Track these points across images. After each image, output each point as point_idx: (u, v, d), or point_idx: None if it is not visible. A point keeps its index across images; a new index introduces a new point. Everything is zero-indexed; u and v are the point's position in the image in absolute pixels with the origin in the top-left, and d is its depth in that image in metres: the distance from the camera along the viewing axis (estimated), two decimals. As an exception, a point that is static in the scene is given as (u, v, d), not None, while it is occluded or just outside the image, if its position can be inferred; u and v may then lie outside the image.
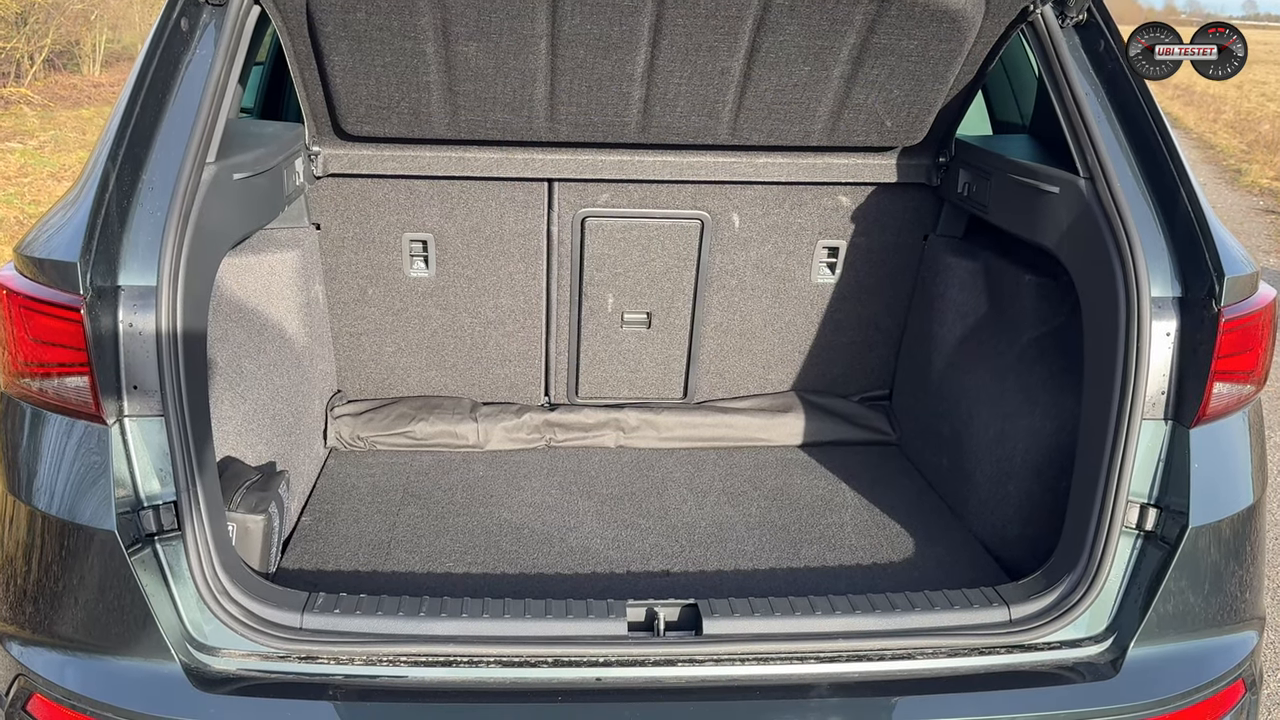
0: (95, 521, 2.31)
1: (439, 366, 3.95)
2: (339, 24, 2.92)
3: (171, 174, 2.46)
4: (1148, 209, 2.66)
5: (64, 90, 16.88)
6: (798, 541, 3.29)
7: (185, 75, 2.64)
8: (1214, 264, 2.50)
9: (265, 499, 2.79)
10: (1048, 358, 3.25)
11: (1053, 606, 2.56)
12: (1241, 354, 2.59)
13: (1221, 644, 2.61)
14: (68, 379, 2.35)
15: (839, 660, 2.44)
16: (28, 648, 2.44)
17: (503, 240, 3.72)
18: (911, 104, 3.31)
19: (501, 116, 3.28)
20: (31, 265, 2.38)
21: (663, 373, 4.01)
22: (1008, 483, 3.20)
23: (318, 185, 3.57)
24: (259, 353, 3.23)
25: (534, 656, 2.39)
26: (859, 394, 4.17)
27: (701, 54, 3.06)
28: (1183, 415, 2.56)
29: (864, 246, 3.84)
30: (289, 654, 2.36)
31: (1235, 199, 13.87)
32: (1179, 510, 2.52)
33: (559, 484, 3.64)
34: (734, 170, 3.60)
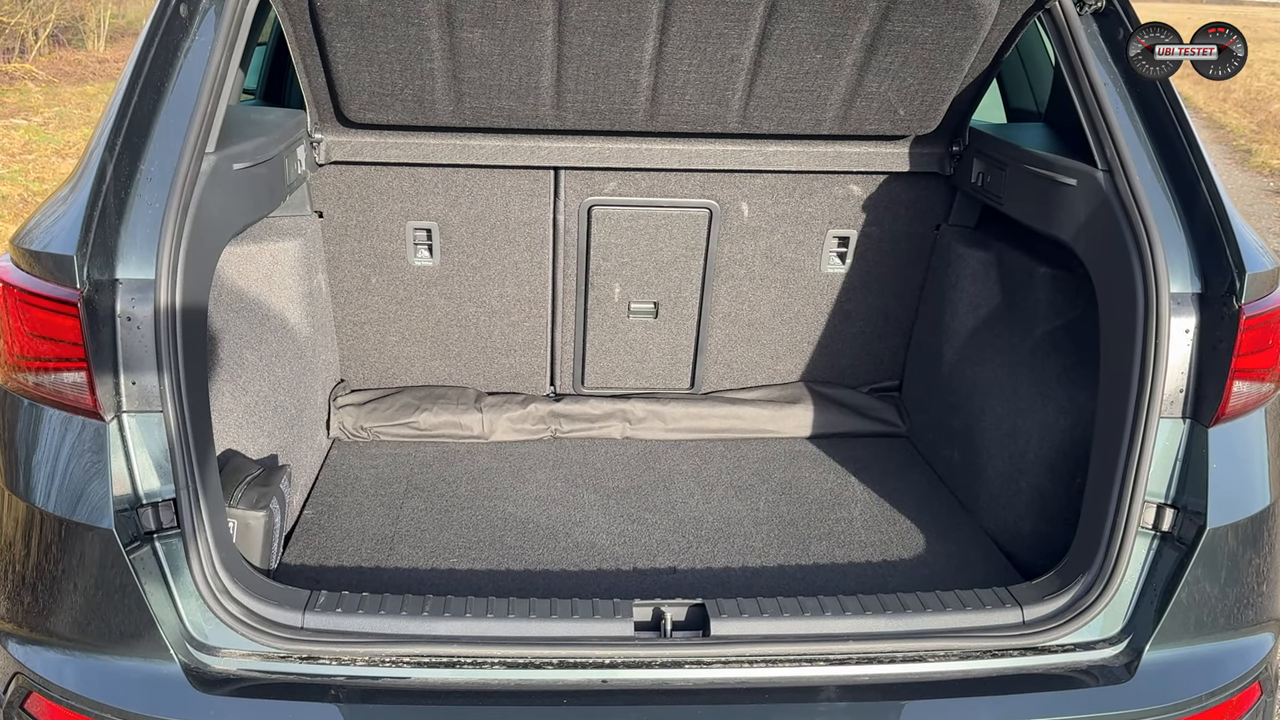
0: (93, 519, 2.28)
1: (443, 356, 3.91)
2: (341, 10, 2.86)
3: (170, 164, 2.42)
4: (1167, 203, 2.61)
5: (69, 66, 16.80)
6: (806, 538, 3.25)
7: (184, 63, 2.59)
8: (1235, 260, 2.45)
9: (267, 494, 2.76)
10: (1062, 351, 3.20)
11: (1067, 608, 2.52)
12: (1262, 351, 2.55)
13: (1238, 646, 2.58)
14: (64, 374, 2.31)
15: (849, 662, 2.41)
16: (26, 646, 2.41)
17: (508, 229, 3.67)
18: (925, 92, 3.25)
19: (507, 104, 3.23)
20: (28, 257, 2.35)
21: (670, 363, 3.97)
22: (1020, 478, 3.15)
23: (320, 173, 3.52)
24: (261, 343, 3.18)
25: (539, 658, 2.35)
26: (868, 385, 4.13)
27: (711, 41, 3.00)
28: (1201, 414, 2.52)
29: (875, 236, 3.79)
30: (290, 654, 2.33)
31: (1245, 180, 13.74)
32: (1196, 511, 2.48)
33: (564, 476, 3.60)
34: (743, 159, 3.54)
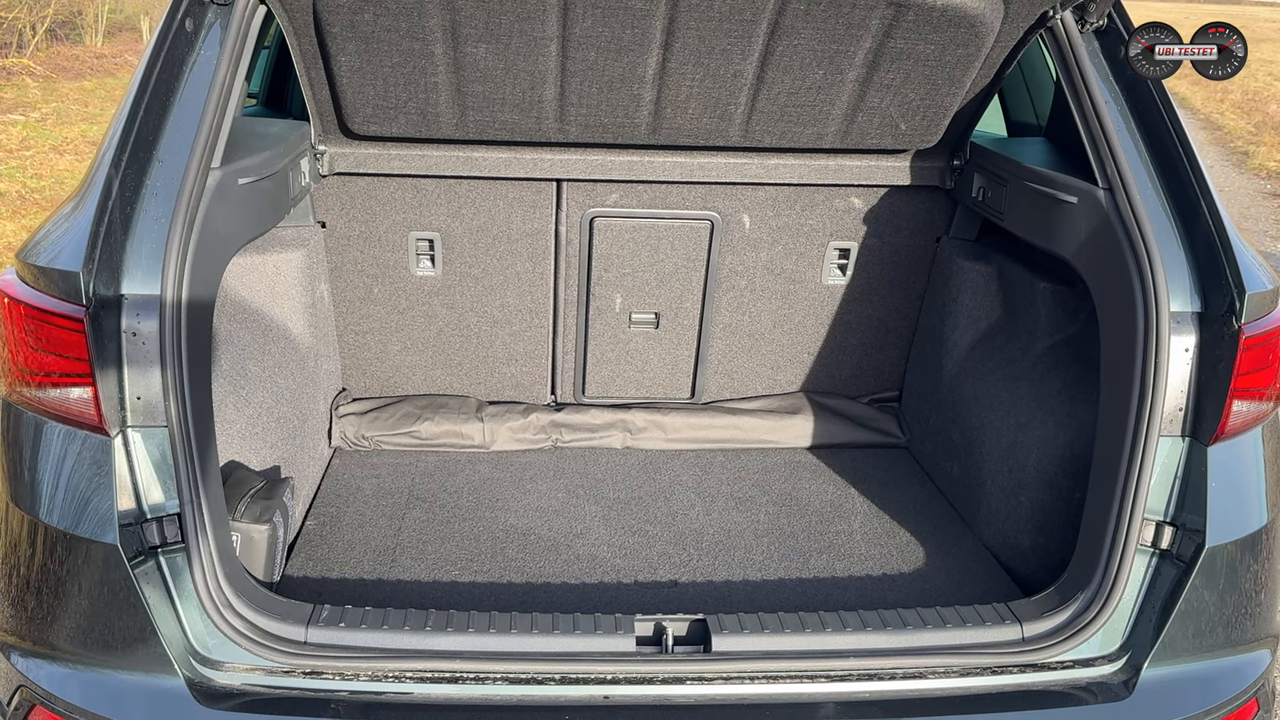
0: (97, 534, 2.28)
1: (445, 365, 3.92)
2: (346, 25, 2.87)
3: (176, 179, 2.43)
4: (1168, 222, 2.63)
5: (66, 61, 16.73)
6: (806, 551, 3.26)
7: (190, 77, 2.59)
8: (1234, 280, 2.46)
9: (270, 508, 2.76)
10: (1062, 366, 3.21)
11: (1066, 625, 2.53)
12: (1261, 371, 2.56)
13: (1235, 663, 2.59)
14: (70, 389, 2.32)
15: (849, 679, 2.42)
16: (29, 659, 2.42)
17: (510, 240, 3.68)
18: (926, 108, 3.26)
19: (510, 117, 3.23)
20: (33, 272, 2.35)
21: (670, 373, 3.98)
22: (1020, 493, 3.16)
23: (323, 183, 3.53)
24: (264, 354, 3.19)
25: (541, 673, 2.36)
26: (868, 396, 4.14)
27: (714, 57, 3.01)
28: (1201, 433, 2.53)
29: (875, 248, 3.80)
30: (294, 669, 2.34)
31: (1243, 182, 13.73)
32: (1195, 529, 2.49)
33: (565, 487, 3.60)
34: (745, 171, 3.55)
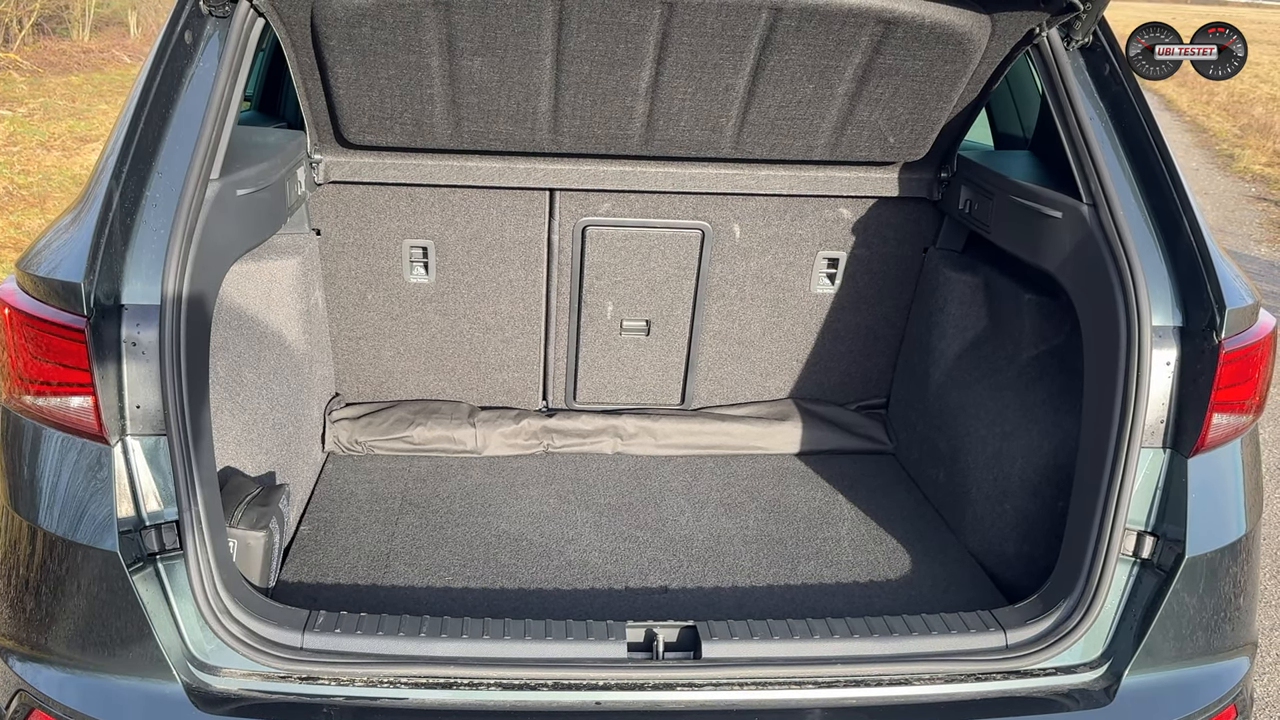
0: (96, 541, 2.31)
1: (437, 371, 3.95)
2: (344, 37, 2.89)
3: (175, 190, 2.45)
4: (1150, 238, 2.67)
5: (53, 56, 16.63)
6: (795, 557, 3.31)
7: (189, 89, 2.62)
8: (1215, 295, 2.51)
9: (266, 514, 2.79)
10: (1047, 377, 3.26)
11: (1049, 632, 2.57)
12: (1240, 384, 2.60)
13: (1214, 670, 2.64)
14: (70, 398, 2.34)
15: (837, 685, 2.46)
16: (28, 664, 2.44)
17: (503, 248, 3.71)
18: (915, 121, 3.30)
19: (504, 128, 3.27)
20: (34, 282, 2.37)
21: (661, 379, 4.02)
22: (1004, 501, 3.21)
23: (318, 191, 3.56)
24: (259, 361, 3.21)
25: (534, 679, 2.40)
26: (856, 402, 4.18)
27: (706, 71, 3.05)
28: (1181, 445, 2.58)
29: (864, 258, 3.84)
30: (290, 674, 2.37)
31: (1227, 185, 13.81)
32: (1176, 539, 2.54)
33: (557, 493, 3.64)
34: (735, 182, 3.59)
